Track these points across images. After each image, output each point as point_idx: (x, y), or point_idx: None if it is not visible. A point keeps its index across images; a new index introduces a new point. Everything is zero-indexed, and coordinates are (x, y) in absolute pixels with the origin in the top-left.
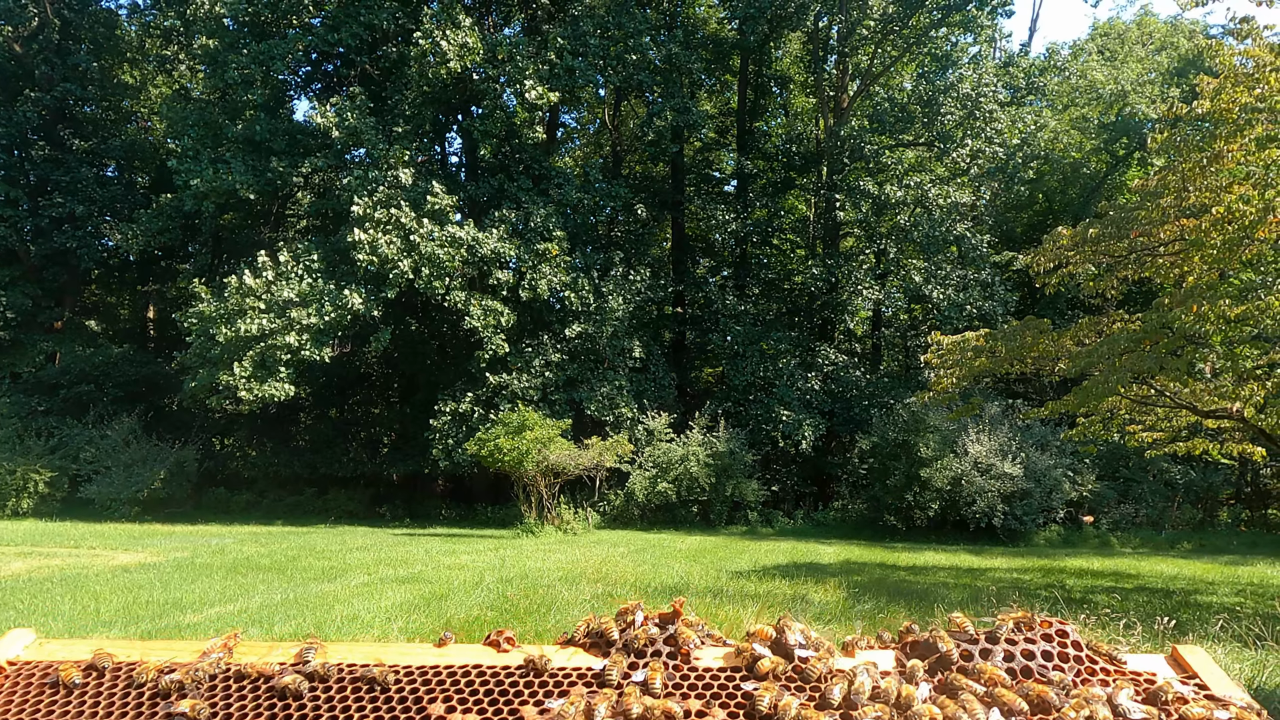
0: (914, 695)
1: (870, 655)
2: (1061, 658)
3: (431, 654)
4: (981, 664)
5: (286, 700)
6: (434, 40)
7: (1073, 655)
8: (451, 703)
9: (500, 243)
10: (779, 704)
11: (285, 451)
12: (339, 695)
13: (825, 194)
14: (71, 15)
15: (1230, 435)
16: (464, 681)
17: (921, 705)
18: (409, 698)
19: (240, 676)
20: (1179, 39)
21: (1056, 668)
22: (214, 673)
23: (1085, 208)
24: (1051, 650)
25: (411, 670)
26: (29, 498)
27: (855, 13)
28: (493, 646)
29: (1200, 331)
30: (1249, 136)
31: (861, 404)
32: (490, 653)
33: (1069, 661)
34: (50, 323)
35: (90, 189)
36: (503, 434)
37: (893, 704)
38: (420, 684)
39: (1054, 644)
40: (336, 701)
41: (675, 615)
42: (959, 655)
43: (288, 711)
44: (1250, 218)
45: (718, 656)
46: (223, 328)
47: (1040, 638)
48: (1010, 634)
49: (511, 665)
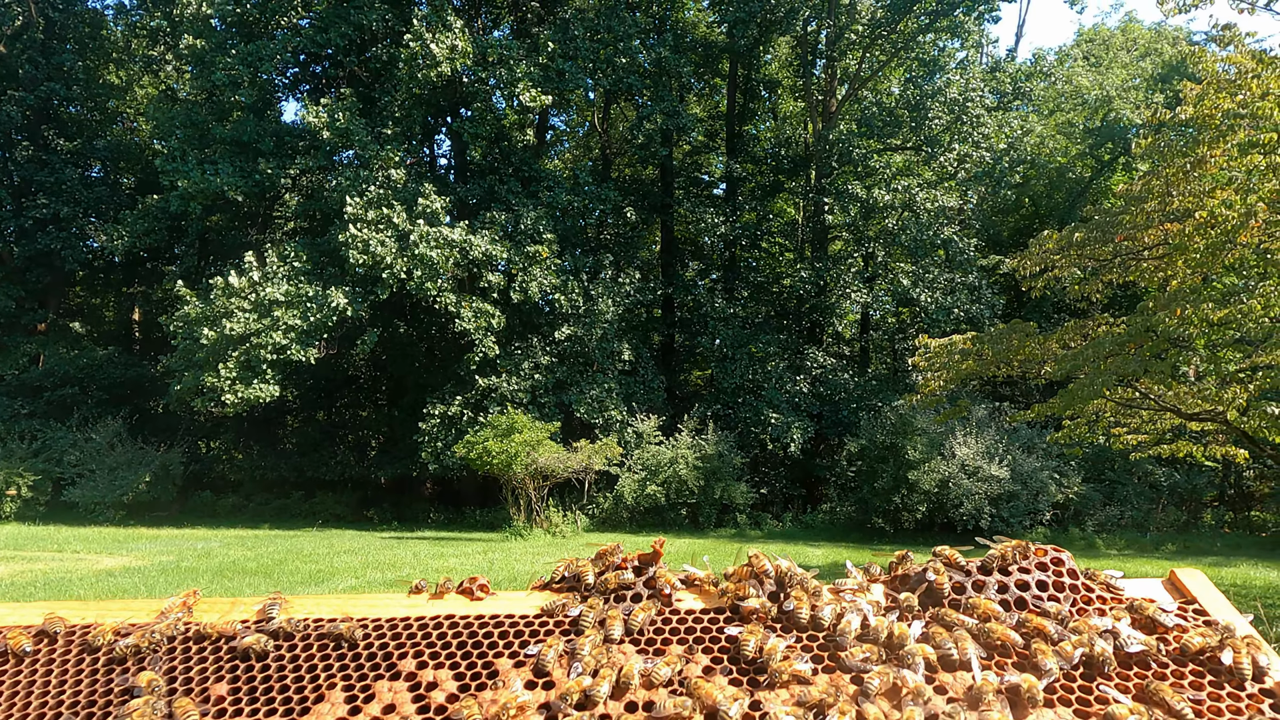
0: (906, 634)
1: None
2: (1057, 587)
3: (402, 605)
4: (975, 597)
5: (250, 661)
6: (424, 42)
7: (1069, 584)
8: (423, 656)
9: (491, 245)
10: (764, 647)
11: (272, 454)
12: (304, 654)
13: (814, 197)
14: (57, 15)
15: (1214, 438)
16: (436, 634)
17: (914, 645)
18: (378, 653)
19: (200, 637)
20: (1163, 45)
21: (1052, 598)
22: (172, 634)
23: (1071, 212)
24: (1047, 580)
25: (381, 623)
26: (12, 501)
27: (843, 17)
28: (466, 595)
29: (1184, 335)
30: (1231, 142)
31: (850, 407)
32: (463, 602)
33: (1065, 591)
34: (34, 325)
35: (75, 190)
36: (491, 437)
37: (883, 643)
38: (390, 638)
39: (1049, 573)
40: (302, 660)
41: (655, 557)
42: (950, 589)
43: (250, 674)
44: (1233, 222)
45: (699, 599)
46: (207, 329)
47: (1035, 567)
48: (1004, 565)
49: (486, 614)
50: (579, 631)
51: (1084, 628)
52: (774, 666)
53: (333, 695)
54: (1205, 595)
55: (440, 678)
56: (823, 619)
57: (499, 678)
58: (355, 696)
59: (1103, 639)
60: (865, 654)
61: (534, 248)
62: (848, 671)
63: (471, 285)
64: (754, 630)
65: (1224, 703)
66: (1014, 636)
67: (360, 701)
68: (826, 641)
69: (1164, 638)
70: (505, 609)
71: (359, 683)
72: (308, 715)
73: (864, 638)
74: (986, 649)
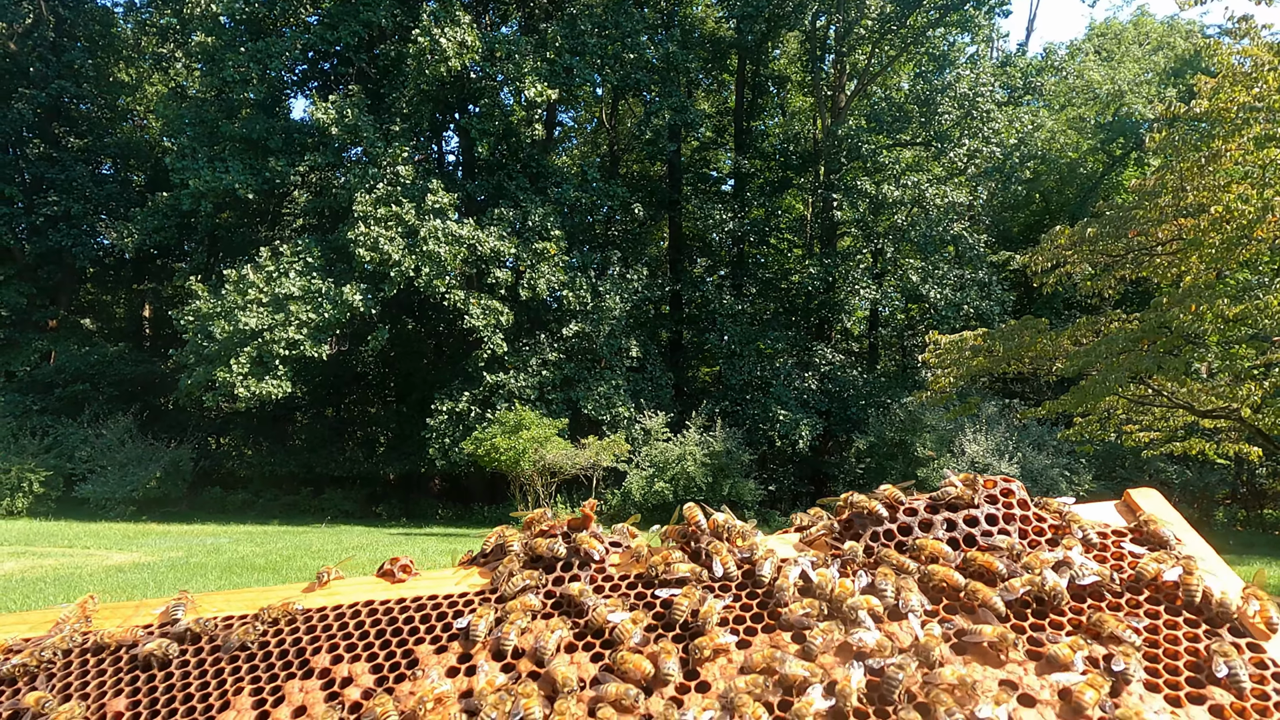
0: (848, 587)
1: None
2: (1007, 519)
3: (318, 595)
4: (922, 538)
5: (151, 671)
6: (433, 37)
7: (1019, 515)
8: (339, 650)
9: (499, 241)
10: (700, 610)
11: (281, 451)
12: (211, 657)
13: (822, 193)
14: (67, 13)
15: (1226, 435)
16: (353, 623)
17: (858, 598)
18: (290, 650)
19: (99, 649)
20: (1176, 39)
21: (1003, 531)
22: (68, 647)
23: (1082, 208)
24: (996, 513)
25: (294, 617)
26: (24, 497)
27: (853, 12)
28: (386, 578)
29: (1198, 331)
30: (1247, 136)
31: (858, 403)
32: (383, 586)
33: (1015, 523)
34: (45, 321)
35: (85, 187)
36: (499, 433)
37: (825, 597)
38: (304, 631)
39: (999, 505)
40: (209, 665)
41: (586, 521)
42: (897, 530)
43: (151, 684)
44: (1249, 217)
45: (630, 562)
46: (221, 322)
47: (984, 500)
48: (951, 500)
49: (407, 598)
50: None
51: (1035, 562)
52: (696, 642)
53: (239, 701)
54: (1161, 515)
55: (356, 671)
56: (763, 575)
57: (419, 666)
58: (264, 700)
59: (1056, 572)
60: (805, 610)
61: (542, 244)
62: (788, 629)
63: (479, 282)
64: (688, 593)
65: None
66: (956, 578)
67: (269, 705)
68: (766, 598)
69: (1118, 566)
70: (429, 590)
71: (269, 684)
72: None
73: (806, 591)
74: (933, 593)
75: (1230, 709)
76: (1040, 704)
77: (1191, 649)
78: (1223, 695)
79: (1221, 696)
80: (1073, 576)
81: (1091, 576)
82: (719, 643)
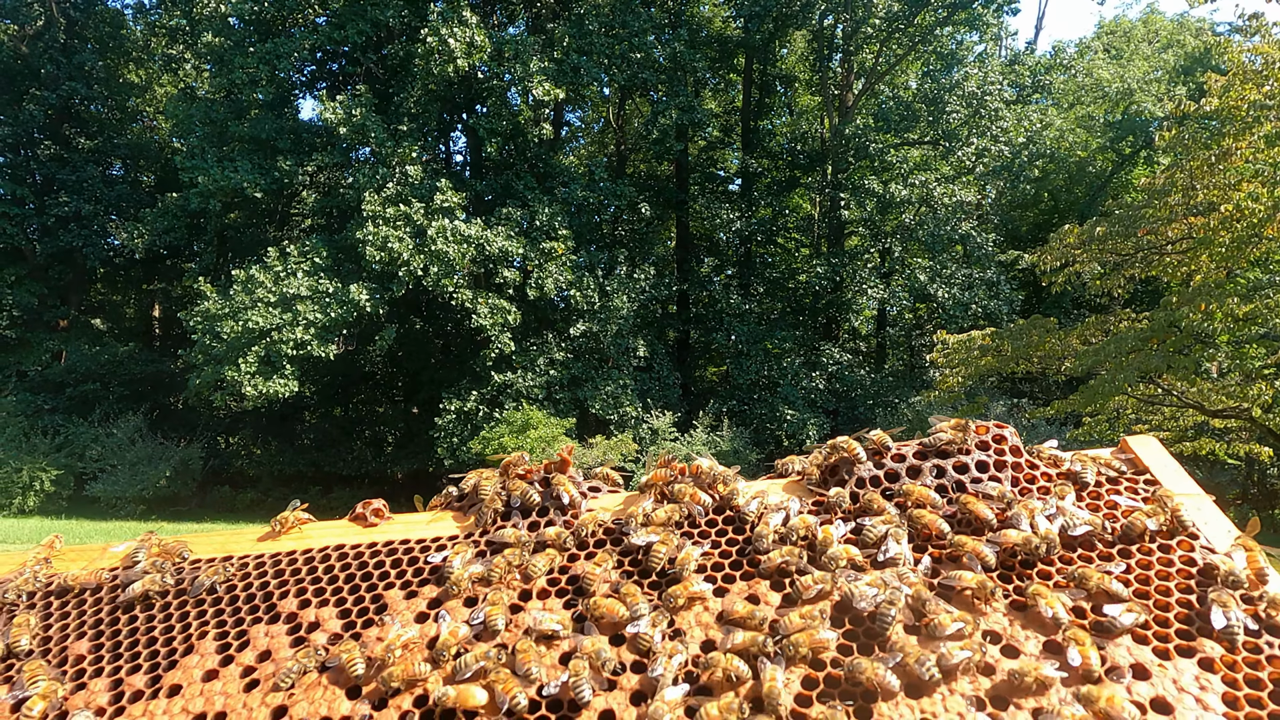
0: (830, 536)
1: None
2: (999, 466)
3: (288, 539)
4: (909, 484)
5: (116, 614)
6: (441, 37)
7: (1010, 462)
8: (306, 595)
9: (507, 241)
10: (678, 557)
11: (290, 450)
12: (176, 600)
13: (830, 192)
14: (77, 15)
15: (1237, 435)
16: (322, 568)
17: (838, 547)
18: (257, 594)
19: (63, 591)
20: (1186, 36)
21: (994, 478)
22: (31, 589)
23: (1091, 206)
24: (988, 459)
25: (263, 560)
26: (35, 496)
27: (860, 11)
28: (358, 521)
29: (1208, 330)
30: (1258, 134)
31: (866, 403)
32: (355, 530)
33: (1006, 469)
34: (56, 321)
35: (96, 188)
36: (507, 433)
37: (806, 544)
38: (272, 576)
39: (990, 452)
40: (174, 609)
41: (564, 465)
42: (884, 476)
43: (115, 628)
44: (1259, 215)
45: (609, 508)
46: (229, 322)
47: (975, 446)
48: (941, 446)
49: (378, 542)
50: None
51: (1023, 512)
52: (671, 590)
53: (203, 645)
54: (1157, 463)
55: (323, 617)
56: (747, 513)
57: (388, 612)
58: (229, 645)
59: (1046, 520)
60: (784, 558)
61: (549, 244)
62: (766, 578)
63: (487, 281)
64: (666, 540)
65: (1154, 570)
66: (941, 525)
67: (234, 650)
68: (745, 545)
69: (1112, 514)
70: (401, 534)
71: (234, 628)
72: (174, 670)
73: (786, 538)
74: (920, 538)
75: (1220, 662)
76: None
77: (1184, 599)
78: (1214, 648)
79: (1212, 649)
80: (1064, 526)
81: (1083, 527)
82: (694, 590)
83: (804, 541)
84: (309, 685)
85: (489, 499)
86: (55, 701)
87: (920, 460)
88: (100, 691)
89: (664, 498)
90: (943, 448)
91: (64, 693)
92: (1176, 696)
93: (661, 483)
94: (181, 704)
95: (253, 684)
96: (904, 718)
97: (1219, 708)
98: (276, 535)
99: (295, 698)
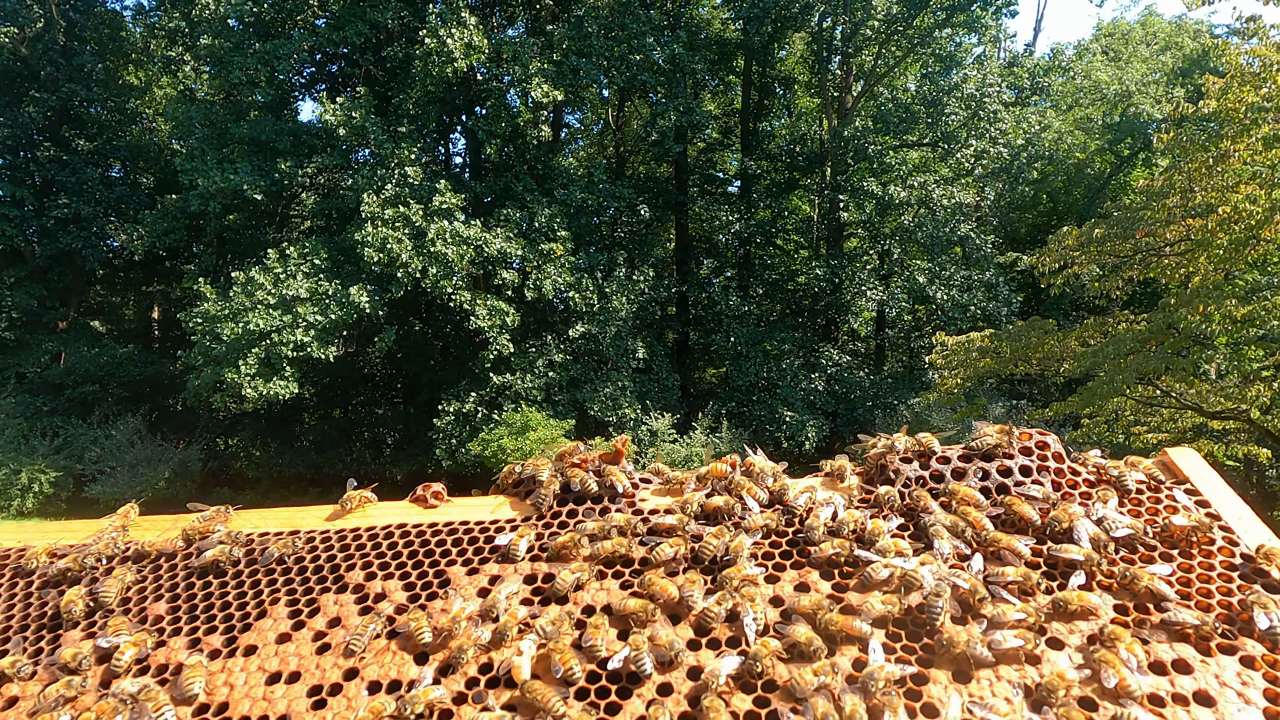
0: (880, 530)
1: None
2: (1042, 471)
3: (353, 516)
4: (954, 485)
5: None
6: (440, 39)
7: (1054, 468)
8: (372, 568)
9: (506, 242)
10: (730, 545)
11: (289, 452)
12: (248, 569)
13: (829, 194)
14: (77, 16)
15: (1236, 436)
16: (386, 544)
17: (888, 540)
18: (325, 565)
19: (140, 556)
20: (1184, 39)
21: (1036, 482)
22: (110, 554)
23: (1090, 208)
24: (1031, 465)
25: (329, 535)
26: (34, 497)
27: (859, 13)
28: (419, 503)
29: (1206, 332)
30: (1255, 136)
31: (865, 405)
32: (416, 510)
33: (1050, 475)
34: (55, 323)
35: (95, 190)
36: (506, 434)
37: (854, 538)
38: (339, 550)
39: (1034, 457)
40: (246, 576)
41: (618, 457)
42: (930, 478)
43: (191, 592)
44: (1257, 217)
45: (663, 499)
46: (229, 324)
47: (1019, 451)
48: (986, 450)
49: (440, 523)
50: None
51: (1063, 517)
52: (725, 572)
53: (276, 610)
54: (1199, 475)
55: (389, 589)
56: (796, 506)
57: (451, 586)
58: (300, 611)
59: (1088, 523)
60: (835, 550)
61: (548, 245)
62: (816, 568)
63: (486, 283)
64: (720, 532)
65: (1194, 573)
66: (985, 523)
67: (305, 615)
68: (796, 537)
69: (1152, 519)
70: (460, 516)
71: (304, 596)
72: (249, 631)
73: (835, 532)
74: (963, 538)
75: (1262, 660)
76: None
77: (1225, 602)
78: (1255, 647)
79: (1253, 648)
80: (1107, 529)
81: (1125, 530)
82: (746, 573)
83: (854, 535)
84: (378, 650)
85: (546, 484)
86: (144, 651)
87: (965, 463)
88: (179, 650)
89: (718, 491)
90: (987, 451)
91: (152, 644)
92: (1219, 691)
93: (718, 477)
94: (258, 663)
95: (324, 647)
96: (951, 700)
97: (1260, 702)
98: (344, 514)
99: (365, 661)
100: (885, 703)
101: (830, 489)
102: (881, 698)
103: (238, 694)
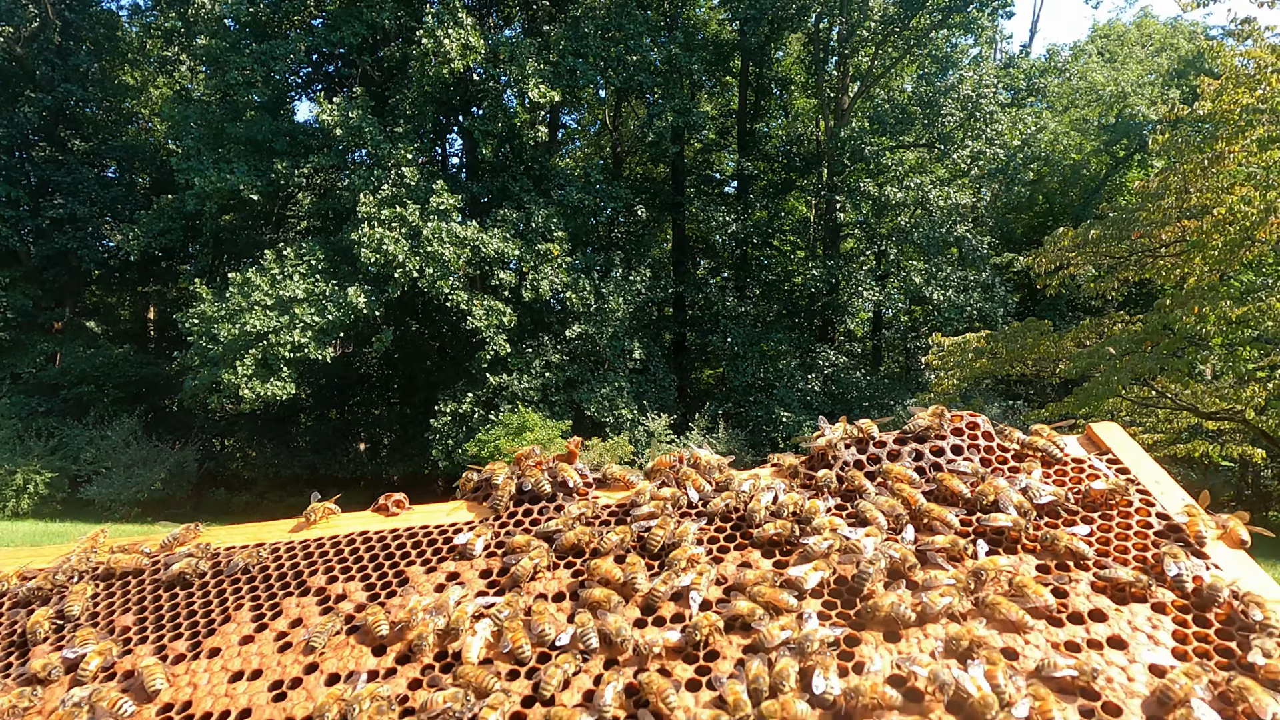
0: (817, 508)
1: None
2: (972, 449)
3: (317, 527)
4: (888, 465)
5: (158, 593)
6: (437, 39)
7: (983, 446)
8: (333, 572)
9: (503, 243)
10: (676, 531)
11: (285, 452)
12: (214, 580)
13: (826, 195)
14: (72, 16)
15: (1230, 437)
16: (348, 549)
17: (824, 518)
18: (289, 573)
19: (107, 575)
20: (1179, 40)
21: (967, 459)
22: (80, 570)
23: (1086, 209)
24: (961, 444)
25: (293, 545)
26: (29, 498)
27: (856, 14)
28: (381, 512)
29: (1201, 333)
30: (1250, 137)
31: (862, 405)
32: (378, 519)
33: (980, 452)
34: (51, 324)
35: (91, 190)
36: (503, 435)
37: (794, 519)
38: (301, 557)
39: (964, 437)
40: (211, 587)
41: (570, 458)
42: (866, 460)
43: (158, 603)
44: (1252, 219)
45: (613, 493)
46: (225, 325)
47: (950, 432)
48: (919, 432)
49: (400, 528)
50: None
51: (989, 490)
52: (672, 555)
53: (239, 615)
54: (1121, 447)
55: (350, 589)
56: (742, 491)
57: (409, 584)
58: (263, 615)
59: (1013, 492)
60: (776, 530)
61: (545, 246)
62: (758, 548)
63: (483, 283)
64: (664, 522)
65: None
66: (918, 496)
67: (268, 619)
68: (740, 521)
69: (1075, 484)
70: (421, 521)
71: (267, 601)
72: (213, 636)
73: (777, 514)
74: (893, 513)
75: (1171, 605)
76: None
77: (1140, 557)
78: (1165, 594)
79: (1163, 595)
80: (1030, 496)
81: (1048, 496)
82: (691, 553)
83: (793, 516)
84: (337, 645)
85: (502, 486)
86: (110, 659)
87: (899, 445)
88: (144, 656)
89: (667, 483)
90: (920, 433)
91: (117, 652)
92: (1130, 634)
93: (666, 468)
94: (220, 664)
95: (285, 646)
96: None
97: (1169, 643)
98: (308, 525)
99: (325, 655)
100: (819, 662)
101: (775, 478)
102: (815, 658)
103: (201, 692)
